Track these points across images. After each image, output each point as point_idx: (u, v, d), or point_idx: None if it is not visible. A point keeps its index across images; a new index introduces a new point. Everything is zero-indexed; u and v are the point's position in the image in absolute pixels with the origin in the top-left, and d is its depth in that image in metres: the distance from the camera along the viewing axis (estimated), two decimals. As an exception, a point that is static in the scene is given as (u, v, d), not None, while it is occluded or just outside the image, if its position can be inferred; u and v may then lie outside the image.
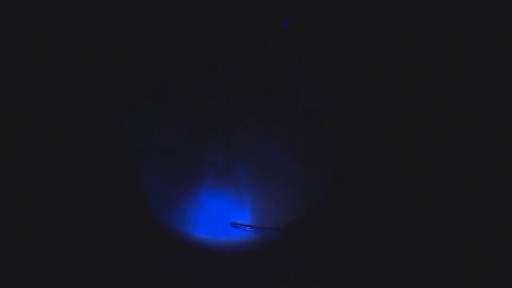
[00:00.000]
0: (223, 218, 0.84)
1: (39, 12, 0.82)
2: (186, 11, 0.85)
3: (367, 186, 0.84)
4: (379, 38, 0.85)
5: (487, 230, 0.82)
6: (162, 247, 0.83)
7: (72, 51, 0.84)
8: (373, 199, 0.84)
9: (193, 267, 0.83)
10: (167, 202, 0.84)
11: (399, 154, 0.84)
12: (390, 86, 0.85)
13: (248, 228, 0.82)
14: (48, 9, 0.83)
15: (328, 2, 0.85)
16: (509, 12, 0.83)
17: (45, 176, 0.82)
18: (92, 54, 0.84)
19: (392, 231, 0.83)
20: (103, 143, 0.84)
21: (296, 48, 0.86)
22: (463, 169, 0.84)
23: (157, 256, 0.83)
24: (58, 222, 0.82)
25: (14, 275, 0.79)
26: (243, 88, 0.86)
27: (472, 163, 0.84)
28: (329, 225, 0.85)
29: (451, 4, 0.83)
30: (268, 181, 0.84)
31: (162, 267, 0.83)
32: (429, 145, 0.84)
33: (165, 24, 0.85)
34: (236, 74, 0.85)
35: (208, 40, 0.86)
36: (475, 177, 0.83)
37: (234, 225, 0.82)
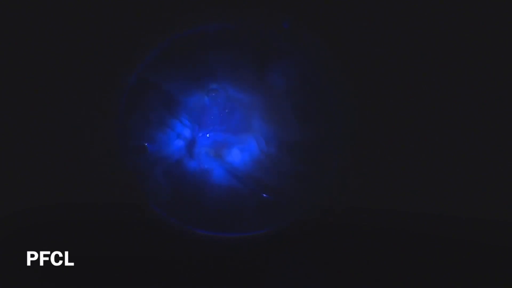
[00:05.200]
0: (225, 216, 0.84)
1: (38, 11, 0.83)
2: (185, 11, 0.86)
3: (369, 186, 0.85)
4: (381, 38, 0.85)
5: (487, 230, 0.82)
6: (163, 244, 0.83)
7: (72, 50, 0.84)
8: (374, 198, 0.84)
9: (194, 264, 0.83)
10: (169, 200, 0.84)
11: (400, 154, 0.85)
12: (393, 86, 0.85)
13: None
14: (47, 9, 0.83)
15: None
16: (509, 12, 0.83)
17: (45, 173, 0.82)
18: (91, 53, 0.84)
19: (392, 231, 0.83)
20: (102, 141, 0.84)
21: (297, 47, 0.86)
22: (463, 168, 0.84)
23: (158, 254, 0.83)
24: (57, 221, 0.82)
25: (13, 274, 0.79)
26: (244, 87, 0.86)
27: (473, 163, 0.84)
28: (329, 225, 0.85)
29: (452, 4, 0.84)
30: (270, 180, 0.84)
31: (164, 264, 0.82)
32: (431, 145, 0.85)
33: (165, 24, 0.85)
34: (237, 73, 0.85)
35: (207, 40, 0.86)
36: (475, 177, 0.84)
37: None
